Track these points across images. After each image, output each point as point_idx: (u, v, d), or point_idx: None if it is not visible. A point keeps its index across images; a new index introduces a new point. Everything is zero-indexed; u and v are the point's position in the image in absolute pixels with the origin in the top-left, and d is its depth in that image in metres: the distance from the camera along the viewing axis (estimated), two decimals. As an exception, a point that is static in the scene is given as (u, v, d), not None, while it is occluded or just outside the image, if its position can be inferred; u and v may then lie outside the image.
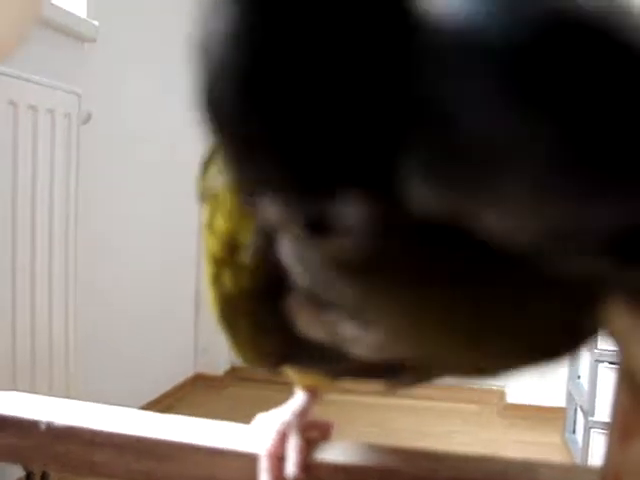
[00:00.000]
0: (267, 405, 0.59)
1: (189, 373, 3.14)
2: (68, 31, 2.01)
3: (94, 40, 2.11)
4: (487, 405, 3.00)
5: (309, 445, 0.56)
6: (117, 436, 0.59)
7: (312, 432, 0.58)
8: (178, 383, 2.97)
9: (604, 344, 2.11)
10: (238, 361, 3.08)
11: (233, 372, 3.22)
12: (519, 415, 2.86)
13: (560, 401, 2.77)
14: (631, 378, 0.33)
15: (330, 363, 0.41)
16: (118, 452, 0.59)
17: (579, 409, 2.45)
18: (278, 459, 0.55)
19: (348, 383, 0.54)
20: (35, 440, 0.60)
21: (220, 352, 3.10)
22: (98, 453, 0.59)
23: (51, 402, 0.64)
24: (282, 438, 0.56)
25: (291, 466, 0.54)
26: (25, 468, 1.69)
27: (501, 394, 3.03)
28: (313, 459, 0.56)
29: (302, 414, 0.59)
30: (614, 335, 0.30)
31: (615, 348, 0.33)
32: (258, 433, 0.57)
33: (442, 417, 2.82)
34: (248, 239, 0.37)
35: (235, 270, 0.39)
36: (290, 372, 0.60)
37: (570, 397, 2.61)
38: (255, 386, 2.88)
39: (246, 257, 0.38)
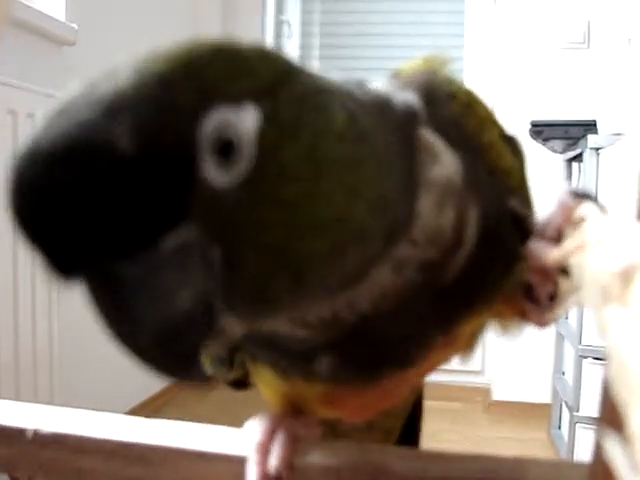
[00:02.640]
0: (253, 408, 0.59)
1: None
2: (47, 34, 1.99)
3: (73, 43, 2.10)
4: (472, 403, 3.01)
5: (295, 442, 0.56)
6: (104, 442, 0.59)
7: (300, 430, 0.58)
8: (165, 386, 2.96)
9: (588, 340, 2.12)
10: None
11: (219, 375, 3.22)
12: (504, 412, 2.88)
13: (545, 397, 2.78)
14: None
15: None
16: (105, 458, 0.59)
17: (564, 405, 2.46)
18: (266, 454, 0.55)
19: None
20: (21, 448, 0.60)
21: (206, 355, 3.09)
22: (85, 460, 0.59)
23: (37, 409, 0.63)
24: (271, 434, 0.57)
25: (274, 460, 0.54)
26: (10, 477, 1.68)
27: (486, 391, 3.04)
28: (303, 460, 0.56)
29: (291, 415, 0.59)
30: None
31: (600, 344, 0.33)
32: (248, 431, 0.57)
33: (428, 415, 2.81)
34: None
35: None
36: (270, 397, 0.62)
37: (555, 393, 2.63)
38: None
39: None
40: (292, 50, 3.41)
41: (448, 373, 2.98)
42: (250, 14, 3.34)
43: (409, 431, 0.82)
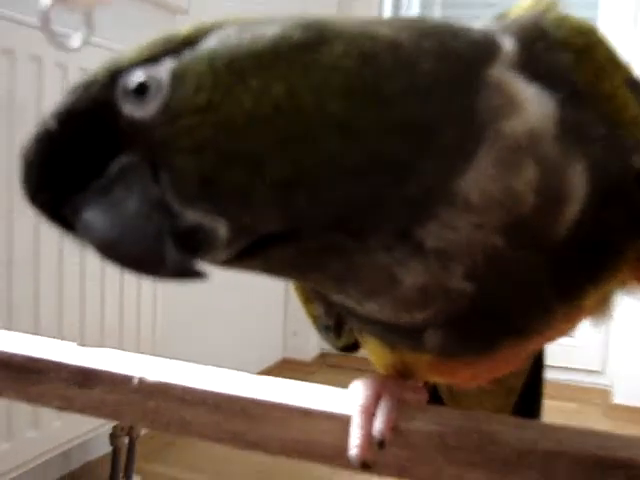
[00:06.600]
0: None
1: (277, 357, 3.16)
2: (161, 3, 2.04)
3: (186, 12, 2.13)
4: (590, 405, 2.88)
5: (400, 406, 0.55)
6: (209, 394, 0.59)
7: (406, 394, 0.56)
8: (265, 367, 2.99)
9: None
10: (327, 347, 3.08)
11: (322, 358, 3.22)
12: (626, 417, 2.72)
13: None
14: None
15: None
16: (209, 411, 0.59)
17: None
18: (370, 417, 0.54)
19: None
20: (127, 395, 0.61)
21: (310, 337, 3.10)
22: (189, 411, 0.59)
23: (143, 359, 0.64)
24: (376, 397, 0.55)
25: (379, 424, 0.53)
26: (112, 435, 1.75)
27: (606, 393, 2.90)
28: (408, 425, 0.54)
29: (397, 378, 0.58)
30: None
31: None
32: (353, 393, 0.56)
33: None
34: None
35: None
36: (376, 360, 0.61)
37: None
38: (343, 373, 2.86)
39: None
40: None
41: (564, 371, 2.87)
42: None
43: (528, 403, 0.79)
